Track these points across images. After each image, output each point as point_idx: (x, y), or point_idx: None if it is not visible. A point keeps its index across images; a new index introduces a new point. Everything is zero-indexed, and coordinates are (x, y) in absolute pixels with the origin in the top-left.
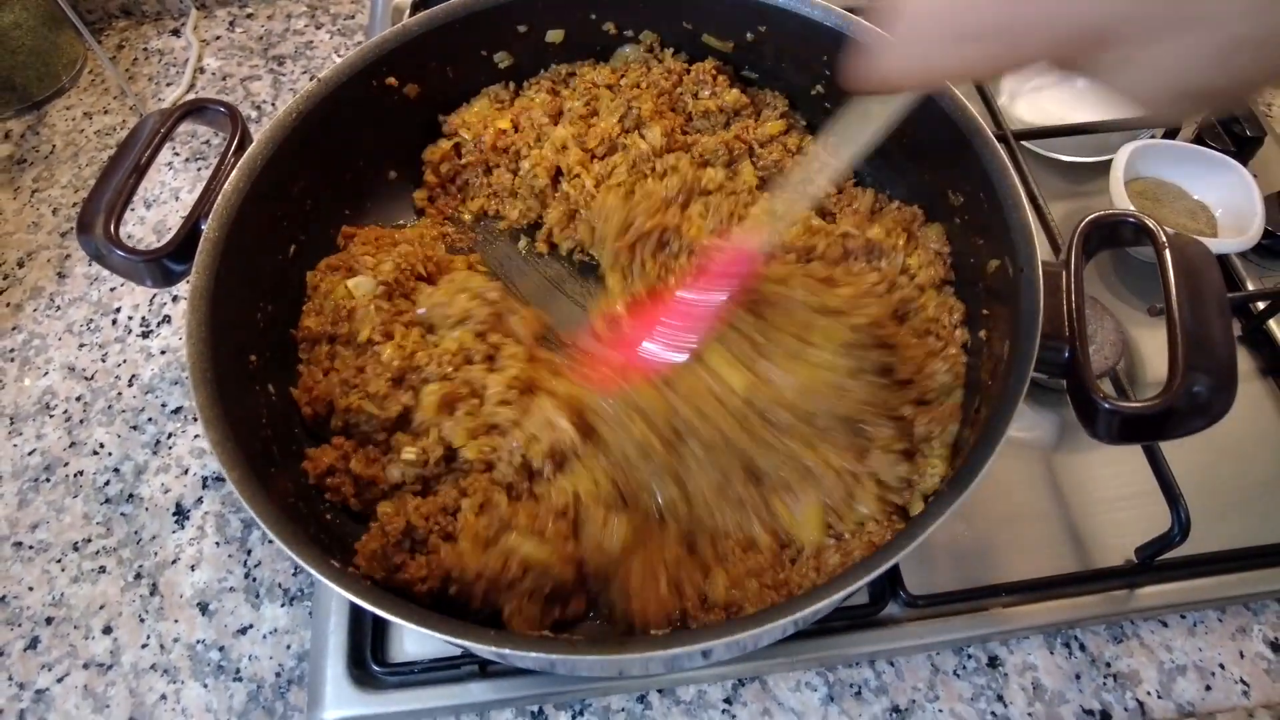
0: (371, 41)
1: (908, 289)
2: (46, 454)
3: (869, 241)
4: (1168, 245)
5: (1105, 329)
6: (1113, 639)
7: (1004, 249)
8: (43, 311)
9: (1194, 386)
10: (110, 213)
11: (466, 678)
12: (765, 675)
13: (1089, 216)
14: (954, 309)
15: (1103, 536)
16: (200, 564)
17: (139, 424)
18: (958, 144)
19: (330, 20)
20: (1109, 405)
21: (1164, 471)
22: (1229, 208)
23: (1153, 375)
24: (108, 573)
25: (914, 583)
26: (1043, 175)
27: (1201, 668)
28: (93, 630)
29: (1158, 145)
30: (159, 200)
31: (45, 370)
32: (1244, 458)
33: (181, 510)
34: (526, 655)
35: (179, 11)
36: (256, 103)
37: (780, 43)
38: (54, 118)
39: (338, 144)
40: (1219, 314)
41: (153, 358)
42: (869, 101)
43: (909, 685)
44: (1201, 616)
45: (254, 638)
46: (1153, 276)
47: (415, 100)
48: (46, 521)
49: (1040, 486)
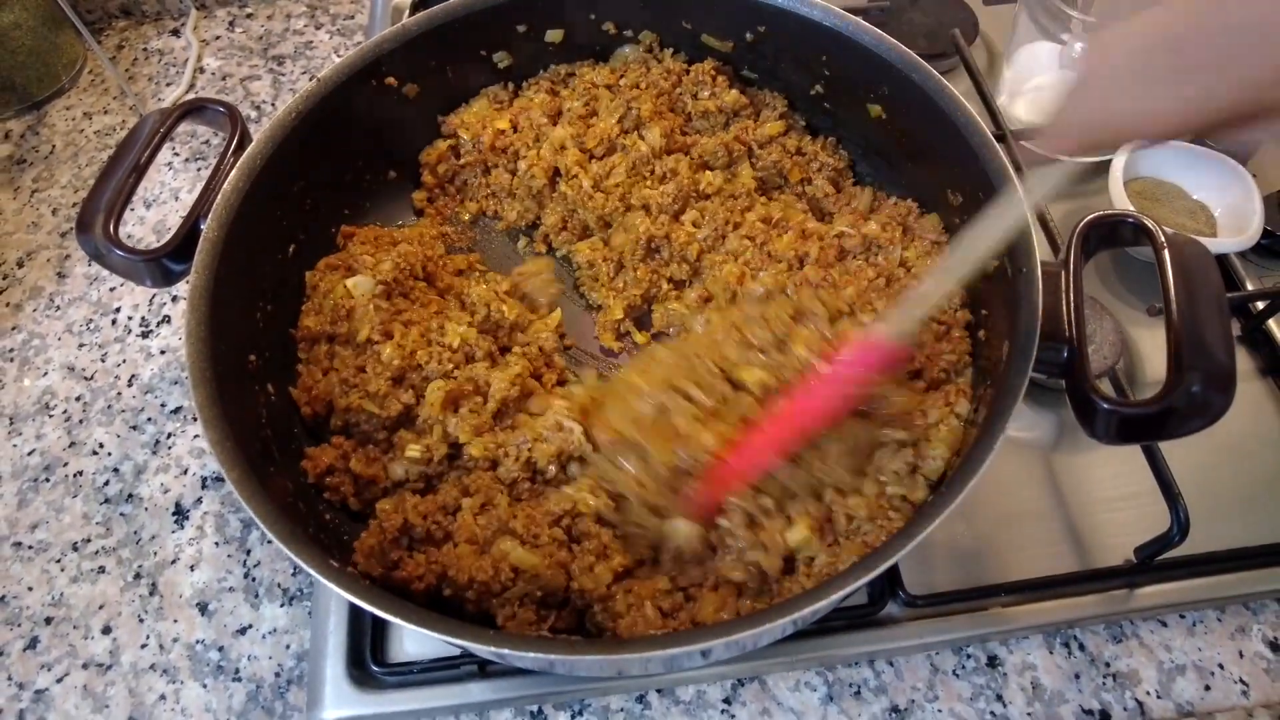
0: (370, 42)
1: (905, 280)
2: (46, 454)
3: (865, 238)
4: (1166, 245)
5: (1104, 329)
6: (1112, 639)
7: (1003, 249)
8: (42, 311)
9: (1192, 386)
10: (110, 212)
11: (466, 678)
12: (764, 675)
13: (1088, 217)
14: (954, 294)
15: (1102, 536)
16: (200, 564)
17: (139, 424)
18: (957, 144)
19: (330, 20)
20: (1108, 405)
21: (1163, 471)
22: (1228, 207)
23: (1152, 375)
24: (107, 573)
25: (913, 582)
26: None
27: (1201, 667)
28: (92, 630)
29: (1157, 145)
30: (159, 200)
31: (45, 370)
32: (1243, 457)
33: (181, 510)
34: (525, 655)
35: (179, 11)
36: (256, 102)
37: (779, 43)
38: (54, 118)
39: (337, 144)
40: (1218, 314)
41: (152, 357)
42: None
43: (908, 685)
44: (1201, 616)
45: (253, 638)
46: (1152, 276)
47: (414, 100)
48: (46, 521)
49: (1039, 486)
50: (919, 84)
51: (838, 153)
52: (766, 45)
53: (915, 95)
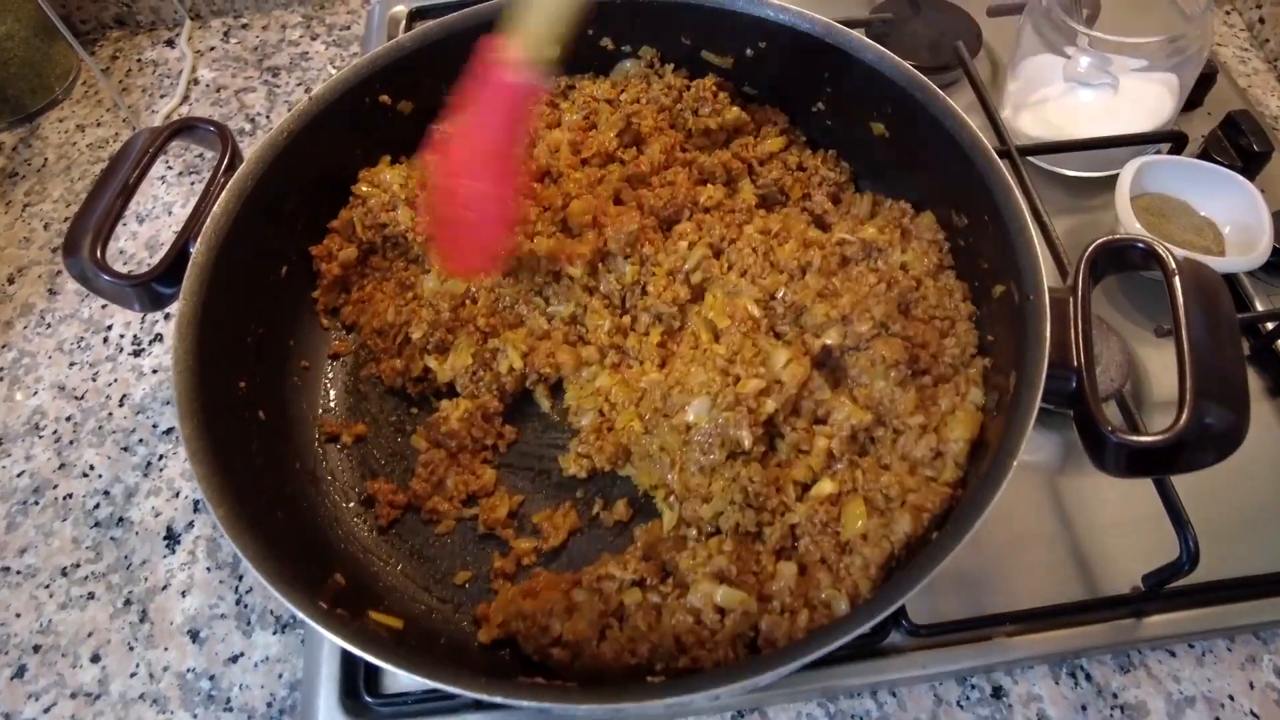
0: (364, 58)
1: (905, 281)
2: (35, 476)
3: (864, 242)
4: (1178, 272)
5: (1111, 349)
6: (1119, 668)
7: (1009, 273)
8: (33, 329)
9: (1205, 418)
10: (97, 235)
11: (461, 709)
12: (765, 706)
13: (1096, 241)
14: (954, 290)
15: (1109, 561)
16: (191, 590)
17: (130, 445)
18: (962, 166)
19: (326, 31)
20: (1117, 439)
21: (1171, 497)
22: (1237, 224)
23: (1159, 396)
24: (97, 599)
25: (917, 611)
26: (1047, 190)
27: (1210, 699)
28: (81, 658)
29: (1164, 161)
30: (152, 215)
31: (35, 389)
32: (1252, 480)
33: (172, 534)
34: (520, 703)
35: (173, 22)
36: (251, 115)
37: (781, 59)
38: (46, 130)
39: (330, 162)
40: (1230, 343)
41: (144, 377)
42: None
43: (911, 716)
44: (1210, 645)
45: (245, 666)
46: (1160, 294)
47: (409, 117)
48: (35, 546)
49: (1045, 509)
50: (922, 103)
51: (839, 166)
52: (767, 61)
53: (919, 114)
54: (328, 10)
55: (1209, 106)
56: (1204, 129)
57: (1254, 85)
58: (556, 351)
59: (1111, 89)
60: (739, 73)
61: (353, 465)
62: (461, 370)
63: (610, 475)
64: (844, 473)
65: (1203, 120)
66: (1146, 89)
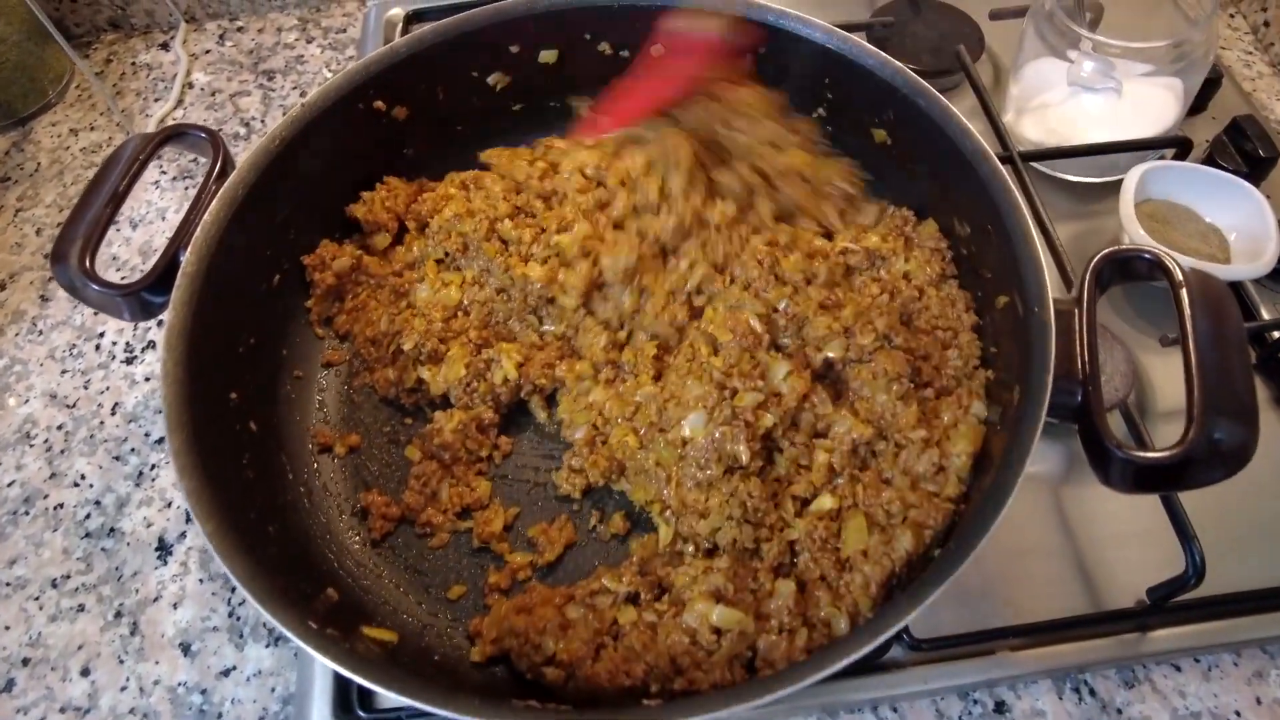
0: (358, 64)
1: (908, 291)
2: (26, 485)
3: (868, 251)
4: (1185, 285)
5: (1115, 359)
6: (1124, 683)
7: (1013, 284)
8: (24, 336)
9: (1214, 434)
10: (86, 243)
11: None
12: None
13: (1102, 252)
14: (957, 300)
15: (1113, 574)
16: (183, 602)
17: (121, 454)
18: (963, 169)
19: (321, 34)
20: (1123, 455)
21: (1177, 510)
22: (1243, 231)
23: (1164, 406)
24: (87, 611)
25: (918, 625)
26: (1049, 195)
27: (1216, 714)
28: (70, 672)
29: (1169, 167)
30: (145, 220)
31: (26, 397)
32: (1259, 492)
33: (164, 545)
34: None
35: (168, 25)
36: (245, 119)
37: (781, 65)
38: (39, 134)
39: (323, 170)
40: (1239, 357)
41: (136, 385)
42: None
43: None
44: (1216, 660)
45: (237, 680)
46: (1165, 303)
47: (404, 123)
48: (25, 556)
49: (1048, 521)
50: (924, 108)
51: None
52: (767, 67)
53: (920, 120)
54: (323, 13)
55: (1214, 111)
56: (1209, 134)
57: (1259, 90)
58: (553, 363)
59: (1115, 94)
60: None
61: (346, 477)
62: (455, 381)
63: (606, 488)
64: (844, 488)
65: (1207, 125)
66: (1151, 94)
